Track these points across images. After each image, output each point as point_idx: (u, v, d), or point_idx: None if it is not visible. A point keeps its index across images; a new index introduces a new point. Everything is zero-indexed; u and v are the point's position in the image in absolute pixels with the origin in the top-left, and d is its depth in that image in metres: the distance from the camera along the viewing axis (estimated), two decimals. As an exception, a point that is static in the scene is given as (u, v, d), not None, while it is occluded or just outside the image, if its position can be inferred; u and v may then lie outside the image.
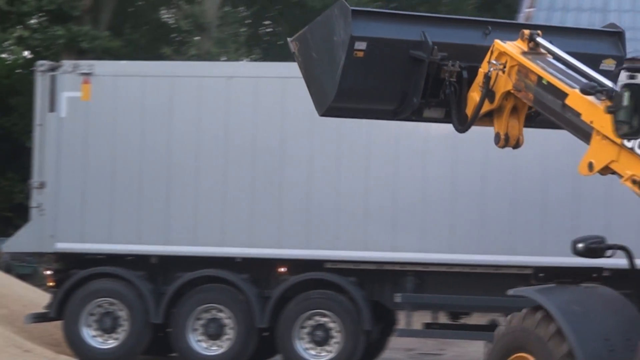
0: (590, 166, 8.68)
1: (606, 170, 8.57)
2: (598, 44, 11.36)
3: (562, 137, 13.08)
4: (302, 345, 14.41)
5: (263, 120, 14.64)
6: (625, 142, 8.36)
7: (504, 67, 9.69)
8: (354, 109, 11.18)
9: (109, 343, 14.89)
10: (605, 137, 8.62)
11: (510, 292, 9.22)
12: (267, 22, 34.40)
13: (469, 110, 10.14)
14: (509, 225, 14.01)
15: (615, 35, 11.28)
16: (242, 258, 14.55)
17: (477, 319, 15.62)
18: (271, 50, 33.15)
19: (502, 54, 9.92)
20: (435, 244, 14.16)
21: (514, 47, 10.13)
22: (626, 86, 8.35)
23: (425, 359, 17.47)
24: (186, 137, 14.81)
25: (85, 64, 15.34)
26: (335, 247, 14.31)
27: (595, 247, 8.98)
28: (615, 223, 13.29)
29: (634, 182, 8.29)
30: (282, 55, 31.13)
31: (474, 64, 10.08)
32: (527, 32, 10.11)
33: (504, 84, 9.86)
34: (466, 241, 14.09)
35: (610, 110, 8.45)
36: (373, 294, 14.53)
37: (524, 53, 10.03)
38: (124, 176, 14.82)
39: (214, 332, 14.57)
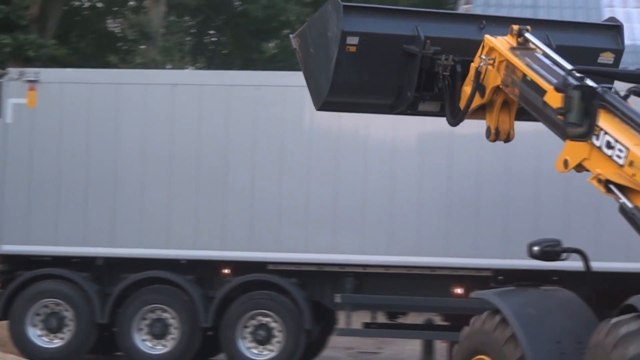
0: (566, 163, 8.55)
1: (581, 167, 8.45)
2: (597, 37, 11.15)
3: (493, 144, 13.34)
4: (245, 344, 14.47)
5: (207, 126, 14.68)
6: (594, 141, 8.26)
7: (494, 62, 9.52)
8: (350, 103, 11.07)
9: (55, 342, 14.84)
10: None
11: (473, 294, 9.00)
12: (211, 32, 34.36)
13: (462, 104, 10.00)
14: (443, 228, 14.16)
15: (614, 29, 11.08)
16: (187, 260, 14.58)
17: (413, 318, 15.79)
18: (216, 59, 33.17)
19: (492, 49, 9.72)
20: (374, 246, 14.28)
21: (503, 43, 9.86)
22: (576, 88, 8.24)
23: (364, 358, 17.58)
24: (132, 142, 14.80)
25: (31, 72, 15.28)
26: (278, 249, 14.38)
27: (550, 250, 8.73)
28: (543, 225, 13.50)
29: (599, 180, 8.15)
30: (227, 63, 31.23)
31: (468, 58, 9.91)
32: (516, 27, 9.85)
33: (493, 78, 9.67)
34: (403, 244, 14.21)
35: (560, 112, 8.37)
36: (314, 295, 14.63)
37: (512, 48, 9.76)
38: (69, 180, 14.78)
39: (159, 331, 14.59)
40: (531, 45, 9.67)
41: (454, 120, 10.27)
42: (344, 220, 14.33)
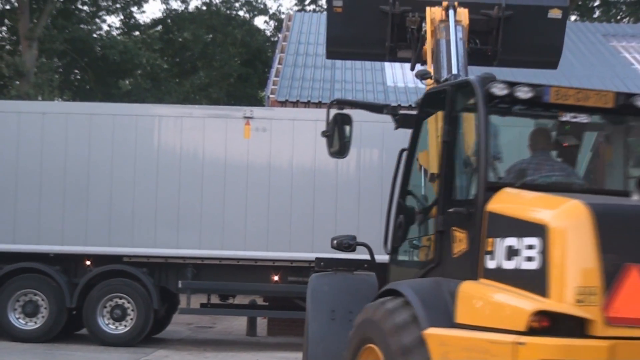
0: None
1: None
2: None
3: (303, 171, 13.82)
4: (104, 321, 14.43)
5: (72, 147, 14.55)
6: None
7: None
8: (350, 53, 11.81)
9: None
10: None
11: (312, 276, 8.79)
12: (76, 71, 33.76)
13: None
14: (264, 230, 14.36)
15: None
16: (55, 253, 14.44)
17: (240, 299, 16.07)
18: (80, 93, 32.62)
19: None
20: (209, 243, 14.38)
21: (437, 14, 9.79)
22: (334, 116, 7.91)
23: (201, 331, 17.64)
24: (7, 160, 14.55)
25: None
26: (131, 245, 14.37)
27: (341, 243, 8.28)
28: (341, 226, 13.84)
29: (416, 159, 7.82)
30: (89, 97, 30.77)
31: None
32: (445, 3, 9.80)
33: (430, 40, 9.61)
34: (233, 241, 14.36)
35: (324, 135, 8.01)
36: (160, 281, 14.70)
37: (440, 21, 9.66)
38: None
39: (31, 311, 14.42)
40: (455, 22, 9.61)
41: (412, 65, 10.42)
42: (185, 222, 14.40)
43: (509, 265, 5.73)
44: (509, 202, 6.03)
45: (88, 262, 14.60)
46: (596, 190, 6.53)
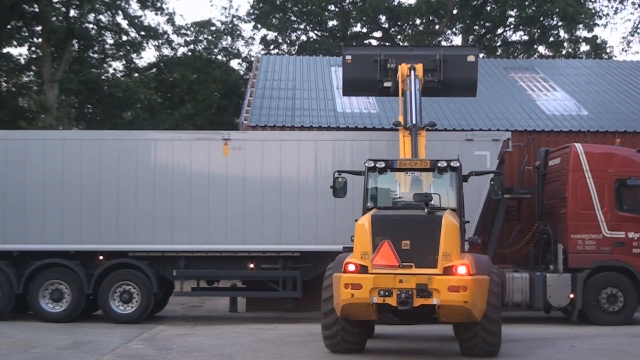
0: None
1: None
2: (463, 49, 15.67)
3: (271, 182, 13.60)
4: (115, 304, 14.38)
5: (87, 166, 14.50)
6: None
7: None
8: (361, 89, 15.00)
9: (-16, 304, 14.37)
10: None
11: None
12: (89, 105, 33.55)
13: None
14: (241, 227, 14.31)
15: (474, 45, 15.74)
16: (75, 251, 14.39)
17: (223, 283, 15.95)
18: (92, 123, 32.40)
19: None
20: (197, 239, 14.34)
21: (404, 70, 13.56)
22: (336, 178, 10.96)
23: (192, 309, 17.58)
24: (35, 177, 14.47)
25: None
26: (135, 242, 14.32)
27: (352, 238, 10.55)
28: (284, 225, 13.96)
29: None
30: (99, 126, 30.59)
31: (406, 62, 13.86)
32: (406, 65, 13.38)
33: (401, 91, 13.21)
34: (216, 237, 14.33)
35: (331, 187, 10.88)
36: (159, 270, 14.63)
37: (407, 76, 13.20)
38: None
39: (57, 297, 14.34)
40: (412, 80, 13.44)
41: (392, 88, 13.96)
42: (177, 223, 14.36)
43: None
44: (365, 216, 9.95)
45: (101, 257, 14.54)
46: (414, 207, 9.98)
